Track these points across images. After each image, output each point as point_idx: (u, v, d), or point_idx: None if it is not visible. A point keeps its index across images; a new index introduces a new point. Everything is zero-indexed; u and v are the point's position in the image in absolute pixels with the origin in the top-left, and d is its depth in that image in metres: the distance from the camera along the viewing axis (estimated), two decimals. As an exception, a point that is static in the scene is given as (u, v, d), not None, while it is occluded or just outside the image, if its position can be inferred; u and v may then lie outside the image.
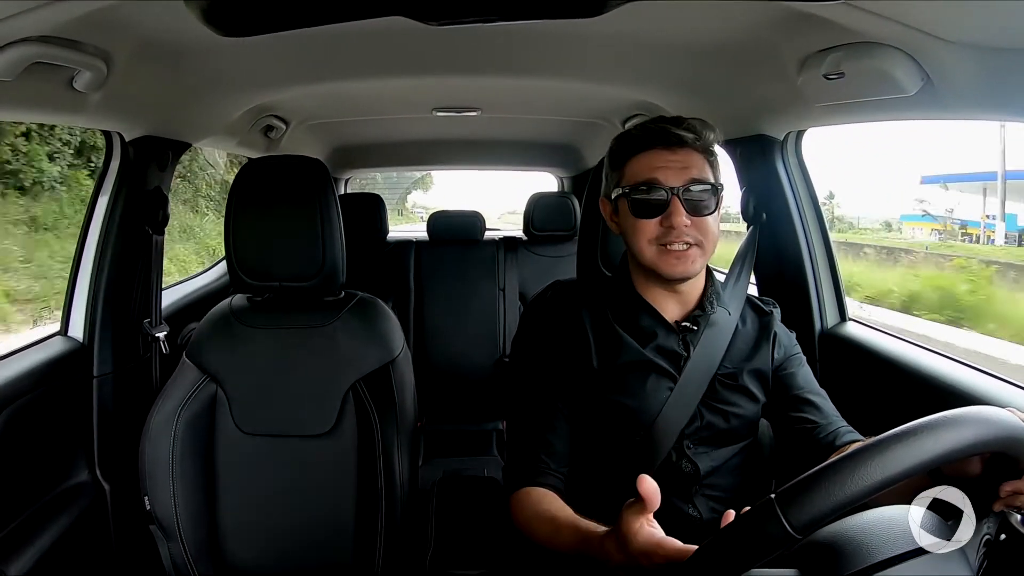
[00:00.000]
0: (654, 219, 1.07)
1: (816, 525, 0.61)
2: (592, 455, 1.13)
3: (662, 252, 1.07)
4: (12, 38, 0.97)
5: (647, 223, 1.08)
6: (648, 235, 1.08)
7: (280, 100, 2.08)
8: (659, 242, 1.07)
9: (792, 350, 1.20)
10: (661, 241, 1.07)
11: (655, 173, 1.07)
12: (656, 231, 1.07)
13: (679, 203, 1.06)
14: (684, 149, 1.08)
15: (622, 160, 1.13)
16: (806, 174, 1.65)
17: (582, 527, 0.97)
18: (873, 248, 8.26)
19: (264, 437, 1.35)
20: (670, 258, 1.07)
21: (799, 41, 1.20)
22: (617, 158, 1.14)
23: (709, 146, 1.11)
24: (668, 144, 1.08)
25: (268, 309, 1.41)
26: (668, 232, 1.06)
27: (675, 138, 1.08)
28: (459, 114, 2.37)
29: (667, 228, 1.06)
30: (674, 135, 1.08)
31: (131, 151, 1.58)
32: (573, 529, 0.98)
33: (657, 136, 1.09)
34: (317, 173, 1.36)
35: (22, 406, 1.34)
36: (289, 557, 1.34)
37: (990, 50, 0.92)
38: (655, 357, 1.12)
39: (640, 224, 1.08)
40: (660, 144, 1.09)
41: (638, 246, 1.09)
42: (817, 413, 1.13)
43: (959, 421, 0.63)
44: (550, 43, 1.48)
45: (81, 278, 1.58)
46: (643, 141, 1.11)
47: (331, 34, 1.38)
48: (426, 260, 2.89)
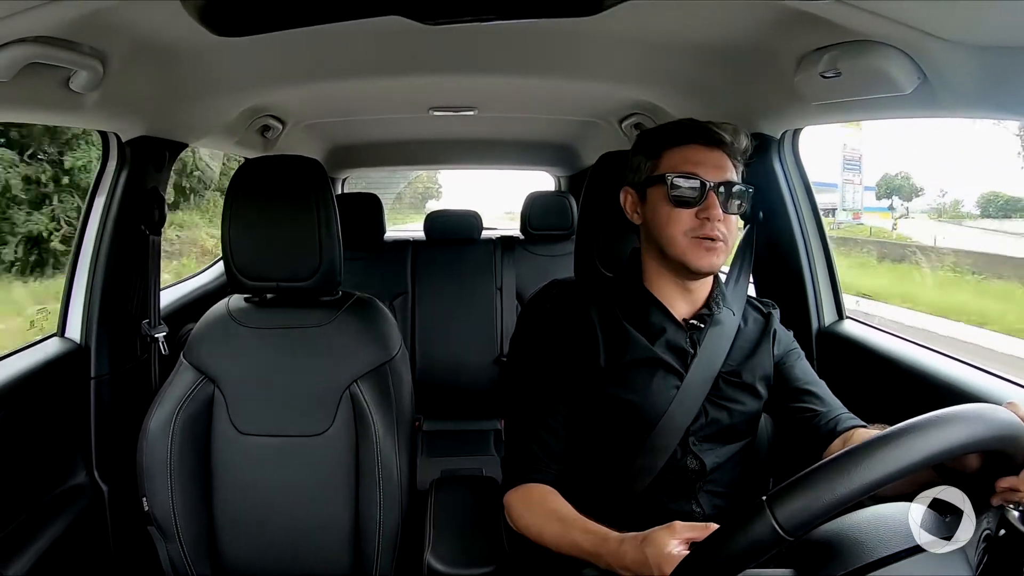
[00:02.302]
0: (690, 210, 1.09)
1: (807, 527, 0.62)
2: (597, 452, 1.14)
3: (694, 243, 1.09)
4: (8, 39, 0.97)
5: (683, 213, 1.10)
6: (683, 226, 1.10)
7: (276, 100, 2.07)
8: (693, 234, 1.09)
9: (790, 345, 1.22)
10: (695, 233, 1.09)
11: (695, 167, 1.10)
12: (691, 223, 1.09)
13: (715, 197, 1.09)
14: (720, 150, 1.12)
15: (658, 150, 1.14)
16: (803, 172, 1.66)
17: (592, 527, 0.99)
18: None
19: (261, 437, 1.35)
20: (700, 249, 1.09)
21: (796, 40, 1.20)
22: (652, 147, 1.15)
23: (740, 153, 1.14)
24: (708, 142, 1.12)
25: (265, 309, 1.41)
26: (703, 224, 1.09)
27: (715, 137, 1.12)
28: (456, 113, 2.37)
29: (702, 220, 1.09)
30: (715, 134, 1.12)
31: (128, 151, 1.57)
32: (583, 529, 1.00)
33: (698, 132, 1.12)
34: (314, 173, 1.36)
35: (20, 408, 1.34)
36: (287, 557, 1.34)
37: (986, 49, 0.92)
38: (663, 354, 1.13)
39: (676, 214, 1.10)
40: (700, 140, 1.12)
41: (670, 236, 1.11)
42: (818, 402, 1.14)
43: (951, 420, 0.63)
44: (547, 42, 1.48)
45: (78, 279, 1.58)
46: (683, 135, 1.13)
47: (327, 34, 1.38)
48: (423, 260, 2.89)
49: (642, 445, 1.10)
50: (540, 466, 1.11)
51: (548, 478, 1.11)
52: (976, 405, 0.66)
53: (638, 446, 1.10)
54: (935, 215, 9.28)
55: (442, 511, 1.37)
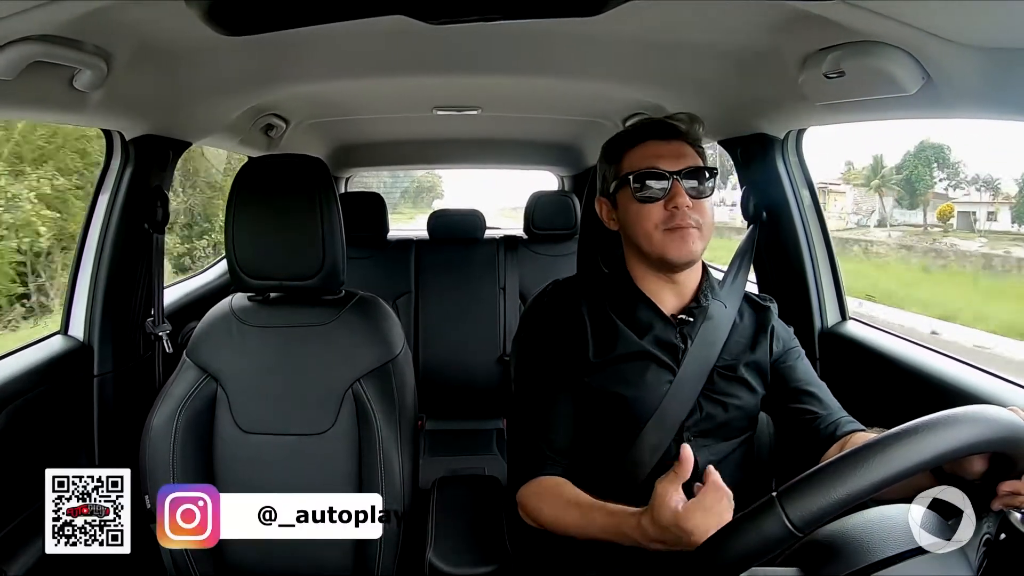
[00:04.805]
0: (658, 203, 1.10)
1: (817, 523, 0.62)
2: (593, 448, 1.14)
3: (669, 235, 1.10)
4: (12, 37, 0.97)
5: (651, 208, 1.10)
6: (653, 220, 1.10)
7: (280, 99, 2.08)
8: (665, 226, 1.10)
9: (790, 343, 1.21)
10: (667, 225, 1.10)
11: (655, 160, 1.11)
12: (661, 215, 1.10)
13: (680, 186, 1.09)
14: (677, 140, 1.14)
15: (618, 154, 1.16)
16: (807, 173, 1.66)
17: (611, 508, 1.01)
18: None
19: (264, 436, 1.35)
20: (676, 239, 1.10)
21: (799, 40, 1.20)
22: (613, 154, 1.18)
23: (698, 137, 1.16)
24: (662, 135, 1.14)
25: (268, 308, 1.41)
26: (673, 215, 1.09)
27: (669, 128, 1.14)
28: (459, 113, 2.37)
29: (671, 211, 1.09)
30: (667, 125, 1.14)
31: (132, 150, 1.58)
32: (604, 511, 1.01)
33: (650, 129, 1.15)
34: (317, 172, 1.36)
35: (22, 405, 1.34)
36: (289, 556, 1.34)
37: (991, 49, 0.92)
38: (653, 348, 1.13)
39: (644, 210, 1.11)
40: (654, 135, 1.14)
41: (644, 232, 1.12)
42: (818, 404, 1.14)
43: (961, 420, 0.64)
44: (550, 42, 1.48)
45: (81, 277, 1.58)
46: (637, 135, 1.16)
47: (331, 33, 1.38)
48: (427, 259, 2.89)
49: (634, 440, 1.10)
50: (548, 460, 1.12)
51: (557, 471, 1.12)
52: (986, 406, 0.66)
53: (630, 441, 1.11)
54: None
55: (444, 510, 1.37)
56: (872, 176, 10.94)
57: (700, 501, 0.89)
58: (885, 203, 10.89)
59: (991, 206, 9.73)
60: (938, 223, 10.21)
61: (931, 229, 10.16)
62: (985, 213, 9.70)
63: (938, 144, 10.32)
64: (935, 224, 10.17)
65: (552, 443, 1.13)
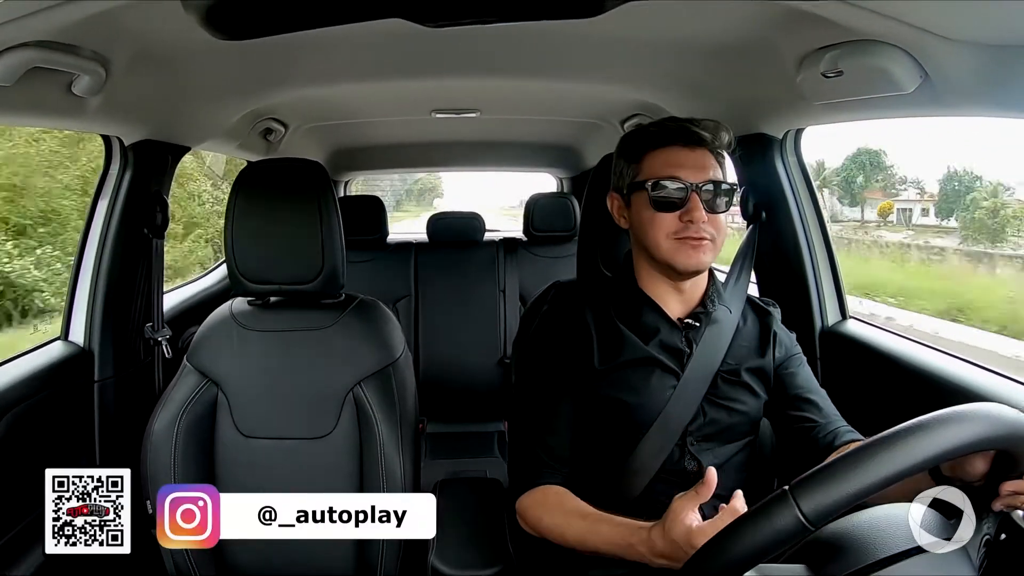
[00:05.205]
0: (673, 213, 1.09)
1: (829, 516, 0.62)
2: (594, 453, 1.14)
3: (679, 245, 1.09)
4: (10, 43, 0.97)
5: (666, 217, 1.09)
6: (666, 229, 1.09)
7: (279, 103, 2.08)
8: (676, 236, 1.09)
9: (793, 350, 1.20)
10: (679, 235, 1.09)
11: (676, 169, 1.09)
12: (675, 225, 1.09)
13: (698, 199, 1.08)
14: (701, 149, 1.11)
15: (639, 154, 1.14)
16: (806, 172, 1.66)
17: (617, 519, 0.99)
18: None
19: (265, 440, 1.35)
20: (687, 249, 1.08)
21: (797, 39, 1.20)
22: (633, 151, 1.15)
23: (723, 148, 1.13)
24: (687, 142, 1.11)
25: (268, 312, 1.41)
26: (687, 227, 1.08)
27: (695, 137, 1.10)
28: (458, 116, 2.37)
29: (686, 223, 1.08)
30: (694, 134, 1.10)
31: (130, 155, 1.58)
32: (610, 523, 1.00)
33: (677, 134, 1.11)
34: (316, 176, 1.36)
35: (23, 411, 1.34)
36: (291, 560, 1.34)
37: (988, 47, 0.92)
38: (658, 353, 1.12)
39: (659, 218, 1.09)
40: (680, 141, 1.11)
41: (654, 240, 1.10)
42: (817, 412, 1.13)
43: (972, 416, 0.64)
44: (549, 44, 1.48)
45: (81, 283, 1.58)
46: (662, 137, 1.12)
47: (329, 37, 1.38)
48: (426, 262, 2.89)
49: (636, 445, 1.10)
50: (549, 468, 1.11)
51: (558, 479, 1.10)
52: (996, 404, 0.66)
53: (632, 446, 1.10)
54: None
55: (446, 513, 1.37)
56: (815, 177, 11.63)
57: (715, 523, 0.87)
58: (831, 201, 11.71)
59: (921, 203, 10.81)
60: (878, 219, 11.11)
61: (866, 224, 11.18)
62: (919, 210, 10.80)
63: (874, 150, 11.46)
64: (871, 220, 11.17)
65: (553, 451, 1.12)
